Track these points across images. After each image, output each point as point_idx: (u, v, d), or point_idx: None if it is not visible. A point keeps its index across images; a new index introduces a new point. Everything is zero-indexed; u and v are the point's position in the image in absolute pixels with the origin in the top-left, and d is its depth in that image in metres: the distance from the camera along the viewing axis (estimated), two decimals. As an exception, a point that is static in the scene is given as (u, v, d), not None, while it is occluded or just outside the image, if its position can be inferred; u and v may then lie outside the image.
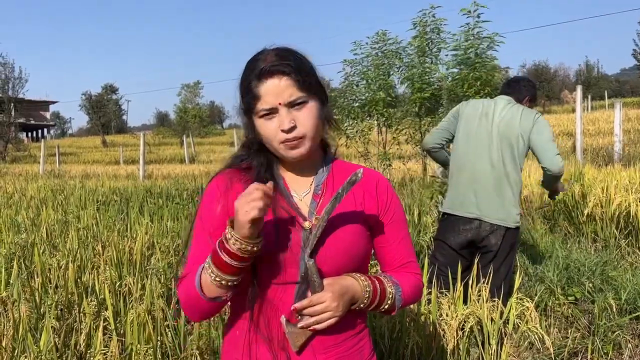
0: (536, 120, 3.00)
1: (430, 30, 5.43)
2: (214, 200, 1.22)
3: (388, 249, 1.27)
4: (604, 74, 62.40)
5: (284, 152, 1.17)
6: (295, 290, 1.16)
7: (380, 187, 1.26)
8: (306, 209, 1.20)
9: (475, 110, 3.09)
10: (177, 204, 6.33)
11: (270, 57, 1.15)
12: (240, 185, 1.20)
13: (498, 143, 3.00)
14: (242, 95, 1.18)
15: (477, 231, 3.02)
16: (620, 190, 4.91)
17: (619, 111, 10.38)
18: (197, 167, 16.28)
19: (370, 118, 6.09)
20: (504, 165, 2.99)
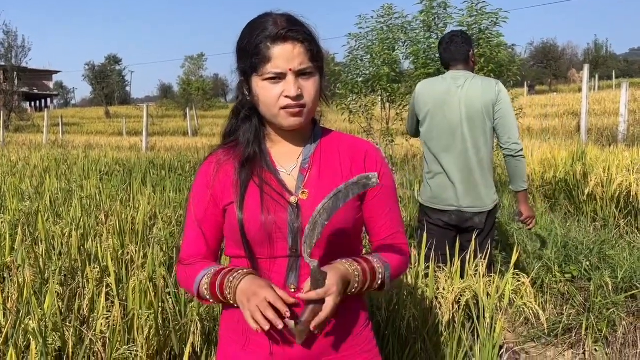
0: (498, 91, 2.80)
1: (437, 4, 5.36)
2: (202, 187, 1.25)
3: (377, 220, 1.27)
4: (613, 54, 61.64)
5: (282, 119, 1.16)
6: (286, 264, 1.18)
7: (369, 158, 1.25)
8: (293, 184, 1.20)
9: (433, 96, 2.89)
10: (180, 176, 6.37)
11: (282, 22, 1.14)
12: (230, 165, 1.23)
13: (466, 128, 2.82)
14: (246, 55, 1.16)
15: (458, 218, 2.94)
16: (622, 170, 4.91)
17: (626, 91, 10.31)
18: (200, 140, 16.30)
19: (374, 93, 6.05)
20: (476, 151, 2.84)
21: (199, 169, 1.29)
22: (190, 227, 1.27)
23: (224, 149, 1.26)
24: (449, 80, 2.90)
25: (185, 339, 1.87)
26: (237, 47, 1.19)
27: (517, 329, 3.61)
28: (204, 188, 1.24)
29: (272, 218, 1.16)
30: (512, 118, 2.83)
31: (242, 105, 1.23)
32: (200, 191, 1.25)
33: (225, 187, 1.22)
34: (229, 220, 1.21)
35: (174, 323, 1.93)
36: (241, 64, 1.19)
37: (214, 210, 1.24)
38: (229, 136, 1.28)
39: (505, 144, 2.81)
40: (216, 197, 1.23)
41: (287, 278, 1.18)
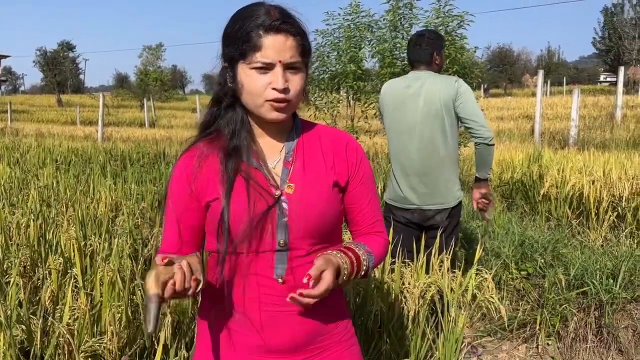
0: (457, 86, 2.82)
1: (403, 5, 5.43)
2: (182, 182, 1.21)
3: (358, 210, 1.28)
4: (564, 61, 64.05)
5: (266, 111, 1.15)
6: (272, 259, 1.17)
7: (350, 148, 1.27)
8: (278, 178, 1.19)
9: (394, 95, 2.94)
10: (142, 167, 6.23)
11: (275, 12, 1.13)
12: (214, 158, 1.19)
13: (425, 126, 2.85)
14: (235, 41, 1.13)
15: (420, 216, 2.98)
16: (575, 172, 5.12)
17: (577, 97, 10.72)
18: (158, 132, 15.96)
19: (339, 90, 6.09)
20: (435, 149, 2.86)
21: (178, 162, 1.24)
22: (170, 224, 1.24)
23: (205, 141, 1.22)
24: (410, 79, 2.94)
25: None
26: (225, 32, 1.16)
27: (474, 324, 3.73)
28: (184, 183, 1.21)
29: (258, 213, 1.14)
30: (477, 109, 2.83)
31: (224, 92, 1.19)
32: (180, 186, 1.21)
33: (209, 181, 1.19)
34: (213, 215, 1.18)
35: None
36: (228, 49, 1.15)
37: (196, 205, 1.21)
38: (209, 126, 1.23)
39: (476, 132, 2.80)
40: (199, 192, 1.20)
41: (274, 271, 1.18)
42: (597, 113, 16.69)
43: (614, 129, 11.56)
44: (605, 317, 3.38)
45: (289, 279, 1.18)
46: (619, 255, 3.93)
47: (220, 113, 1.21)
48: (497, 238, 4.54)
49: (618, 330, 3.37)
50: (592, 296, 3.53)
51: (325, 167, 1.23)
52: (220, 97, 1.20)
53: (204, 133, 1.24)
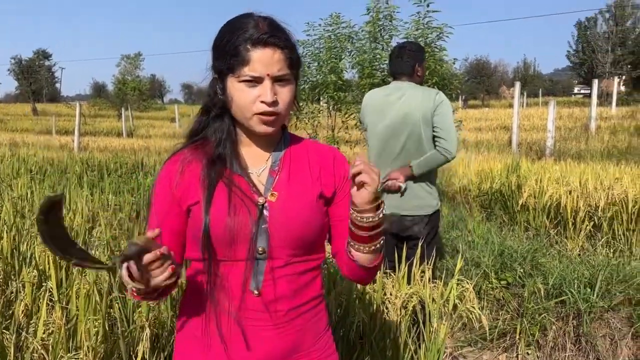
0: (438, 100, 2.85)
1: (383, 16, 5.48)
2: (165, 186, 1.21)
3: (347, 222, 1.24)
4: (540, 73, 65.37)
5: (254, 124, 1.15)
6: (250, 267, 1.15)
7: (337, 162, 1.27)
8: (262, 186, 1.19)
9: (374, 104, 2.97)
10: (119, 177, 6.13)
11: (263, 25, 1.12)
12: (197, 164, 1.19)
13: (403, 135, 2.88)
14: (224, 54, 1.14)
15: (398, 225, 2.97)
16: (553, 182, 5.20)
17: (553, 109, 10.93)
18: (136, 141, 15.76)
19: (320, 100, 6.11)
20: (414, 159, 2.89)
21: (163, 167, 1.24)
22: (152, 228, 1.22)
23: (190, 148, 1.23)
24: (391, 89, 2.98)
25: (134, 346, 1.79)
26: (215, 44, 1.17)
27: (455, 333, 3.73)
28: (167, 187, 1.20)
29: (239, 219, 1.13)
30: (452, 124, 2.87)
31: (214, 104, 1.20)
32: (163, 191, 1.21)
33: (190, 186, 1.18)
34: (193, 220, 1.17)
35: (121, 329, 1.85)
36: (217, 62, 1.16)
37: (178, 210, 1.20)
38: (197, 134, 1.24)
39: (444, 144, 2.83)
40: (180, 196, 1.19)
41: (250, 282, 1.16)
42: (572, 124, 17.03)
43: (589, 140, 11.80)
44: (583, 326, 3.42)
45: (265, 291, 1.17)
46: (596, 265, 3.98)
47: (208, 122, 1.22)
48: (477, 248, 4.58)
49: (596, 339, 3.41)
50: (570, 305, 3.57)
51: (311, 178, 1.22)
52: (210, 107, 1.21)
53: (190, 140, 1.24)
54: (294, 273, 1.19)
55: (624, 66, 40.31)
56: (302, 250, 1.19)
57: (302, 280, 1.21)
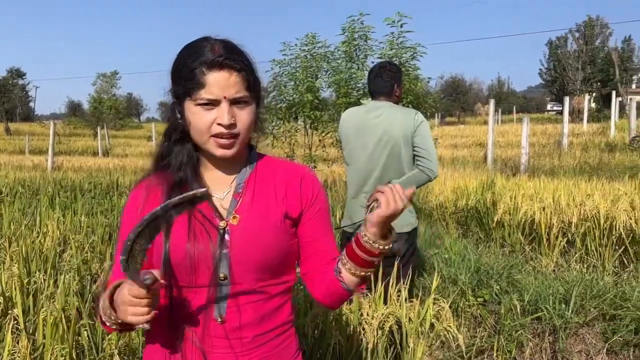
0: (417, 120, 2.89)
1: (358, 36, 5.54)
2: (132, 211, 1.21)
3: (317, 243, 1.24)
4: (513, 90, 66.73)
5: (212, 147, 1.14)
6: (215, 295, 1.13)
7: (305, 182, 1.24)
8: (224, 210, 1.16)
9: (354, 123, 2.98)
10: (93, 198, 6.02)
11: (219, 48, 1.12)
12: (158, 190, 1.19)
13: (383, 155, 2.90)
14: (180, 78, 1.13)
15: None
16: (527, 199, 5.27)
17: (526, 125, 11.13)
18: (112, 161, 15.55)
19: (297, 119, 6.12)
20: (393, 177, 2.91)
21: (130, 193, 1.26)
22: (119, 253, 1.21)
23: (156, 173, 1.23)
24: (369, 108, 3.00)
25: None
26: (172, 69, 1.16)
27: (433, 352, 3.72)
28: (134, 213, 1.20)
29: (199, 245, 1.11)
30: (432, 144, 2.92)
31: (174, 127, 1.19)
32: (130, 216, 1.21)
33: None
34: (155, 246, 1.14)
35: (89, 358, 1.79)
36: (175, 86, 1.15)
37: None
38: (162, 159, 1.22)
39: (425, 164, 2.87)
40: None
41: (214, 310, 1.14)
42: (545, 141, 17.37)
43: (562, 156, 12.03)
44: (559, 342, 3.44)
45: (229, 318, 1.14)
46: (570, 281, 4.03)
47: (170, 147, 1.21)
48: (453, 265, 4.59)
49: (572, 355, 3.43)
50: (546, 321, 3.59)
51: (275, 199, 1.20)
52: (170, 131, 1.20)
53: (155, 166, 1.24)
54: (260, 299, 1.16)
55: (594, 83, 41.43)
56: (268, 275, 1.17)
57: (269, 305, 1.18)
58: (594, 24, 42.43)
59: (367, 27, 5.53)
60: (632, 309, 3.53)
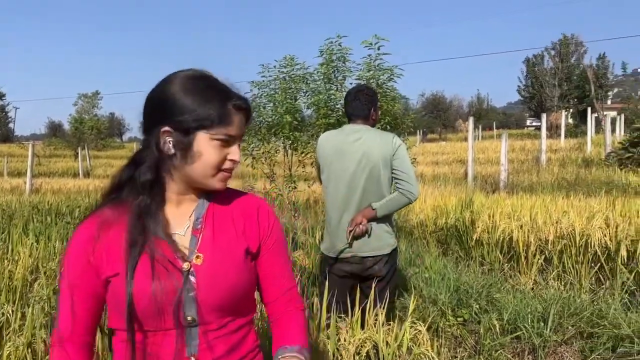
0: (396, 144, 2.92)
1: (336, 58, 5.59)
2: (80, 253, 1.13)
3: (271, 277, 1.26)
4: (493, 107, 67.73)
5: (214, 181, 1.15)
6: (184, 336, 1.11)
7: (261, 213, 1.25)
8: (185, 249, 1.13)
9: (332, 146, 2.99)
10: (68, 223, 5.91)
11: (238, 91, 1.18)
12: (119, 228, 1.12)
13: (362, 178, 2.91)
14: (202, 108, 1.10)
15: (359, 266, 2.97)
16: (505, 217, 5.31)
17: (505, 142, 11.28)
18: (93, 182, 15.38)
19: (276, 139, 6.13)
20: (372, 200, 2.91)
21: (77, 230, 1.16)
22: (64, 301, 1.14)
23: (111, 207, 1.14)
24: (348, 132, 3.01)
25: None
26: (183, 99, 1.10)
27: (414, 374, 3.70)
28: (82, 254, 1.12)
29: (163, 288, 1.08)
30: (411, 166, 2.95)
31: (152, 157, 1.12)
32: (77, 258, 1.13)
33: (110, 255, 1.11)
34: (114, 292, 1.10)
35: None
36: (186, 116, 1.10)
37: (94, 281, 1.12)
38: (120, 189, 1.15)
39: (405, 186, 2.88)
40: (98, 266, 1.12)
41: (186, 349, 1.12)
42: (524, 157, 17.60)
43: (540, 172, 12.20)
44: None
45: (202, 355, 1.13)
46: (548, 299, 4.05)
47: (135, 175, 1.14)
48: (433, 284, 4.59)
49: (551, 374, 3.44)
50: (525, 340, 3.60)
51: (235, 234, 1.19)
52: (143, 159, 1.13)
53: (112, 196, 1.16)
54: (228, 332, 1.17)
55: (570, 100, 42.20)
56: (234, 311, 1.17)
57: (236, 337, 1.19)
58: (569, 42, 43.40)
59: (345, 49, 5.59)
60: (609, 326, 3.56)
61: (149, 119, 1.14)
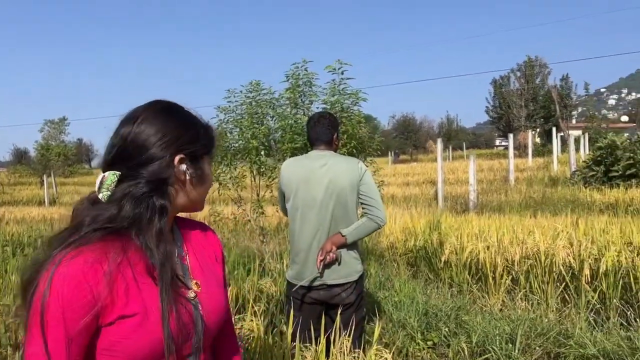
0: (362, 169, 2.92)
1: (302, 83, 5.61)
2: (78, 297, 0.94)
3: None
4: (463, 127, 68.98)
5: (203, 202, 1.20)
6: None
7: (217, 239, 1.29)
8: (180, 275, 1.10)
9: (299, 173, 2.95)
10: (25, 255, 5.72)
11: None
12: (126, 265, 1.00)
13: (329, 204, 2.89)
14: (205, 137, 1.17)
15: (326, 293, 2.93)
16: (472, 238, 5.34)
17: (473, 163, 11.46)
18: (58, 210, 15.00)
19: (243, 164, 6.08)
20: (340, 226, 2.89)
21: (70, 266, 0.95)
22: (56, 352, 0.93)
23: (107, 238, 1.00)
24: (313, 158, 2.99)
25: None
26: (187, 128, 1.14)
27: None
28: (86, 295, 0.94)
29: (183, 319, 1.06)
30: (377, 191, 2.95)
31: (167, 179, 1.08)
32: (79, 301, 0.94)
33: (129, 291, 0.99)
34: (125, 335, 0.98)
35: None
36: (193, 144, 1.13)
37: (93, 329, 0.98)
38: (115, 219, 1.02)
39: (373, 211, 2.87)
40: (106, 307, 0.97)
41: None
42: (492, 177, 17.89)
43: (508, 192, 12.39)
44: (506, 384, 3.43)
45: None
46: (515, 319, 4.07)
47: (150, 202, 1.05)
48: (403, 308, 4.57)
49: (520, 397, 3.42)
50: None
51: (211, 259, 1.23)
52: (163, 182, 1.08)
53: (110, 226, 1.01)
54: (209, 356, 1.20)
55: (537, 120, 43.28)
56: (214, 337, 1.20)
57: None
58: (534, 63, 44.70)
59: (311, 73, 5.61)
60: (575, 346, 3.59)
61: (157, 148, 1.07)
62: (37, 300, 0.93)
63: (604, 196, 10.25)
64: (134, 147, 1.06)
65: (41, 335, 0.92)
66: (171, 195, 1.09)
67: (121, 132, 1.07)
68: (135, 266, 1.01)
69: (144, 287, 1.00)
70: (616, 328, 3.90)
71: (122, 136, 1.07)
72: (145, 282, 1.01)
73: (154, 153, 1.06)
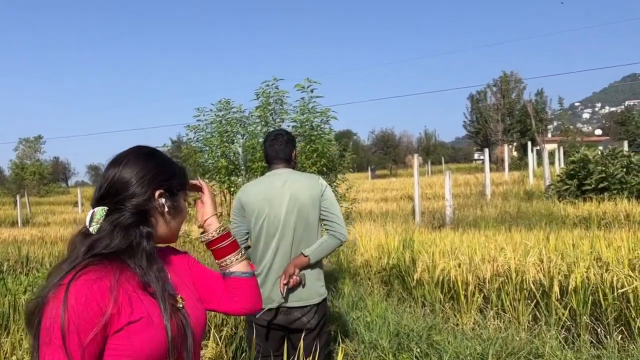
0: (323, 185, 2.88)
1: (273, 101, 5.55)
2: (89, 310, 1.12)
3: (210, 282, 1.49)
4: (442, 142, 69.65)
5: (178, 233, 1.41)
6: None
7: (188, 256, 1.48)
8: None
9: (261, 194, 2.88)
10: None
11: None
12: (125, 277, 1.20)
13: (292, 223, 2.83)
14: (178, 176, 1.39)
15: (285, 318, 2.84)
16: (444, 255, 5.30)
17: (449, 178, 11.51)
18: (30, 231, 14.62)
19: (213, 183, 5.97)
20: (303, 245, 2.84)
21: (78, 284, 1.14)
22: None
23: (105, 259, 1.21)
24: (272, 178, 2.92)
25: None
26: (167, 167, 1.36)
27: None
28: (95, 309, 1.13)
29: (179, 324, 1.24)
30: (338, 208, 2.90)
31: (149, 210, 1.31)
32: (90, 314, 1.12)
33: (132, 299, 1.19)
34: (132, 338, 1.16)
35: None
36: (172, 180, 1.36)
37: (103, 338, 1.15)
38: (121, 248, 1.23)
39: (335, 228, 2.82)
40: (115, 316, 1.15)
41: None
42: (469, 191, 18.00)
43: (484, 206, 12.45)
44: (476, 407, 3.37)
45: None
46: (487, 339, 4.02)
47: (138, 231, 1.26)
48: (375, 329, 4.49)
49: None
50: (464, 385, 3.52)
51: (185, 274, 1.41)
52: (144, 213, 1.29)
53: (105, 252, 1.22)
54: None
55: (514, 134, 43.97)
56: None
57: None
58: (509, 79, 45.54)
59: (282, 91, 5.56)
60: (545, 365, 3.54)
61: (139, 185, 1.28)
62: (55, 317, 1.10)
63: (578, 210, 10.35)
64: (120, 184, 1.27)
65: (62, 347, 1.09)
66: (153, 225, 1.31)
67: (108, 173, 1.29)
68: (132, 283, 1.21)
69: (144, 298, 1.20)
70: (586, 346, 3.87)
71: (109, 176, 1.28)
72: (143, 295, 1.21)
73: (137, 189, 1.28)
